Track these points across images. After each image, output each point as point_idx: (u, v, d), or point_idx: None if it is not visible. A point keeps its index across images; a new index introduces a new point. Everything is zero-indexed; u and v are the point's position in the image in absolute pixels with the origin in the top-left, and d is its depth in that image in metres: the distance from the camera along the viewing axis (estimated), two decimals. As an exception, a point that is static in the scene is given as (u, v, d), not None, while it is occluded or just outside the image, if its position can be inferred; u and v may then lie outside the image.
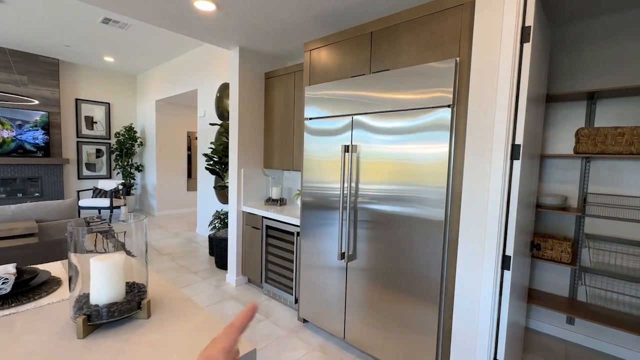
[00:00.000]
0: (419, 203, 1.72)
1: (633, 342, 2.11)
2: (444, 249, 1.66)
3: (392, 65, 1.89)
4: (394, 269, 1.85)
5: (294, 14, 2.26)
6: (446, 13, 1.64)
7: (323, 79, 2.28)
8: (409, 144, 1.74)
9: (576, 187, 2.30)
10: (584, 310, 2.17)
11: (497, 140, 1.45)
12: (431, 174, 1.67)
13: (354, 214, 2.03)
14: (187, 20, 2.43)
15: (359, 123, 1.97)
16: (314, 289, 2.32)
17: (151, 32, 4.27)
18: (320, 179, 2.22)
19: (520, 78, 1.47)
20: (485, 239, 1.50)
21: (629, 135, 1.93)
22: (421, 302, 1.74)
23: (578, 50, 2.24)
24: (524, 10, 1.43)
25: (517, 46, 1.42)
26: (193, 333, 0.90)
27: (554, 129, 2.38)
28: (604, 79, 2.17)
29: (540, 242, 2.22)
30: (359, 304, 2.04)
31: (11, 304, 0.99)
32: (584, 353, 2.20)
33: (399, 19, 1.82)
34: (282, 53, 3.15)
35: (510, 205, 1.52)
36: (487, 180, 1.49)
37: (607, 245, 2.18)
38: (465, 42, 1.58)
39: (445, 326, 1.69)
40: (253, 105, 3.16)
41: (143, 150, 6.72)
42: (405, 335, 1.82)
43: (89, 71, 6.16)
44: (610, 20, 2.11)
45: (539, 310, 2.47)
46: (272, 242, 2.83)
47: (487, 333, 1.51)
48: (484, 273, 1.51)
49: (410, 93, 1.72)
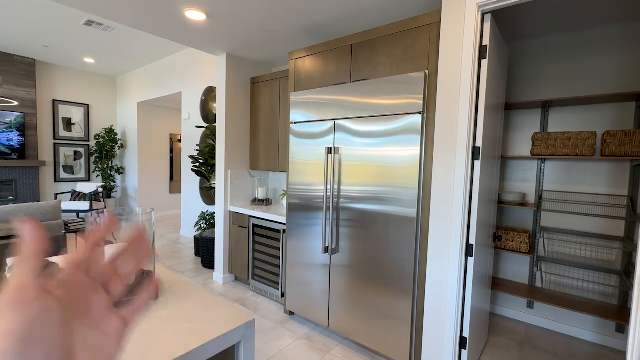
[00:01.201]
0: (394, 202, 1.92)
1: (584, 322, 2.39)
2: (416, 242, 1.85)
3: (370, 75, 2.08)
4: (373, 262, 2.03)
5: (281, 25, 2.42)
6: (417, 30, 1.85)
7: (308, 85, 2.44)
8: (385, 146, 1.94)
9: (533, 185, 2.58)
10: (541, 295, 2.44)
11: (460, 143, 1.66)
12: (405, 175, 1.86)
13: (336, 213, 2.20)
14: (177, 28, 2.53)
15: (341, 127, 2.14)
16: (300, 283, 2.46)
17: (135, 35, 4.30)
18: (305, 180, 2.38)
19: (479, 89, 1.69)
20: (451, 230, 1.71)
21: (574, 139, 2.21)
22: (397, 291, 1.93)
23: (533, 63, 2.53)
24: (481, 32, 1.66)
25: (475, 62, 1.65)
26: (198, 308, 1.03)
27: (514, 133, 2.66)
28: (556, 90, 2.46)
29: (503, 234, 2.47)
30: (341, 295, 2.20)
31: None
32: (542, 333, 2.46)
33: (377, 34, 2.02)
34: (268, 59, 3.30)
35: (473, 200, 1.73)
36: (452, 179, 1.70)
37: (560, 236, 2.46)
38: (433, 56, 1.79)
39: (418, 311, 1.88)
40: (239, 109, 3.28)
41: (124, 153, 6.63)
42: (383, 321, 2.00)
43: (67, 72, 6.05)
44: (560, 39, 2.41)
45: (503, 297, 2.73)
46: (259, 240, 2.95)
47: (453, 313, 1.71)
48: (450, 260, 1.71)
49: (386, 100, 1.92)
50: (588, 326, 2.38)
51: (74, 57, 5.35)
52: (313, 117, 2.31)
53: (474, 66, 1.63)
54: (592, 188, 2.34)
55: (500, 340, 2.36)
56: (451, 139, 1.69)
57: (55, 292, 0.22)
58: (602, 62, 2.28)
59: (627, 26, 2.18)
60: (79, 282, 0.24)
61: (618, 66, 2.22)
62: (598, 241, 2.32)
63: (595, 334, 2.35)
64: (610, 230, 2.28)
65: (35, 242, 0.22)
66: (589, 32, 2.30)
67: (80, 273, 0.24)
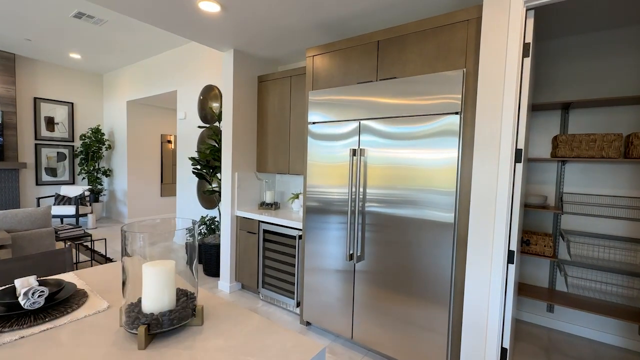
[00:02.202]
0: (428, 206, 1.82)
1: (607, 325, 2.37)
2: (453, 249, 1.76)
3: (398, 73, 1.98)
4: (403, 270, 1.93)
5: (297, 19, 2.29)
6: (453, 27, 1.77)
7: (327, 84, 2.32)
8: (418, 148, 1.84)
9: (553, 187, 2.55)
10: (562, 298, 2.40)
11: (504, 145, 1.58)
12: (440, 178, 1.77)
13: (361, 218, 2.09)
14: (187, 21, 2.36)
15: (367, 128, 2.03)
16: (319, 291, 2.33)
17: (128, 30, 4.06)
18: (325, 183, 2.26)
19: (522, 89, 1.62)
20: (493, 236, 1.62)
21: (600, 141, 2.19)
22: (431, 300, 1.83)
23: (556, 64, 2.50)
24: (524, 28, 1.59)
25: (519, 60, 1.57)
26: (255, 336, 0.89)
27: (533, 135, 2.62)
28: (575, 91, 2.44)
29: (528, 238, 2.43)
30: (367, 304, 2.09)
31: (45, 318, 0.91)
32: (564, 338, 2.43)
33: (406, 30, 1.93)
34: (275, 57, 3.15)
35: (514, 204, 1.66)
36: (495, 182, 1.62)
37: (581, 238, 2.43)
38: (471, 54, 1.71)
39: (454, 321, 1.79)
40: (246, 108, 3.12)
41: (111, 154, 6.30)
42: (415, 332, 1.90)
43: (49, 68, 5.68)
44: (584, 39, 2.39)
45: (522, 301, 2.68)
46: (270, 247, 2.80)
47: (496, 324, 1.63)
48: (492, 267, 1.63)
49: (419, 100, 1.82)
50: (611, 329, 2.36)
51: (59, 52, 5.02)
52: (335, 117, 2.19)
53: (518, 64, 1.55)
54: (613, 190, 2.33)
55: (525, 346, 2.31)
56: (494, 140, 1.61)
57: None
58: (623, 64, 2.27)
59: (649, 28, 2.17)
60: None
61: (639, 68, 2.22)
62: (621, 244, 2.30)
63: (618, 337, 2.33)
64: (633, 232, 2.27)
65: None
66: (610, 33, 2.29)
67: None
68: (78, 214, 5.17)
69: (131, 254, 0.91)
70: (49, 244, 2.78)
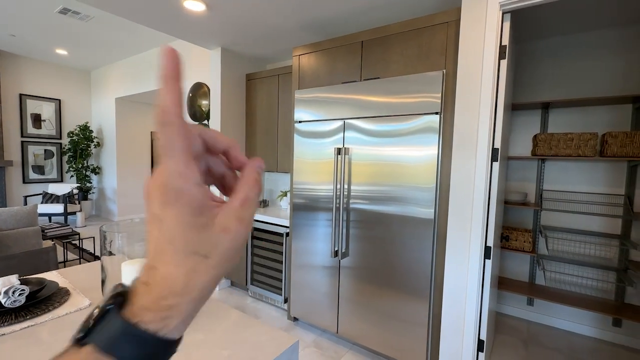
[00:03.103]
0: (410, 203, 1.87)
1: (583, 317, 2.47)
2: (433, 245, 1.82)
3: (381, 73, 2.02)
4: (386, 265, 1.98)
5: (283, 19, 2.31)
6: (434, 28, 1.81)
7: (313, 83, 2.35)
8: (400, 146, 1.88)
9: (534, 184, 2.63)
10: (541, 292, 2.49)
11: (481, 145, 1.64)
12: (421, 175, 1.82)
13: (346, 214, 2.13)
14: (173, 20, 2.36)
15: (351, 126, 2.07)
16: (306, 287, 2.38)
17: (115, 26, 4.01)
18: (311, 180, 2.29)
19: (498, 89, 1.67)
20: (471, 232, 1.68)
21: (577, 140, 2.26)
22: (412, 294, 1.89)
23: (537, 65, 2.56)
24: (501, 31, 1.64)
25: (496, 62, 1.62)
26: (233, 330, 0.93)
27: (514, 134, 2.69)
28: (554, 92, 2.51)
29: (507, 234, 2.50)
30: (352, 300, 2.14)
31: (26, 316, 0.93)
32: (543, 330, 2.52)
33: (390, 31, 1.96)
34: (263, 55, 3.16)
35: (491, 201, 1.72)
36: (472, 180, 1.67)
37: (560, 234, 2.52)
38: (450, 55, 1.75)
39: (434, 314, 1.85)
40: (234, 107, 3.13)
41: (100, 151, 6.23)
42: (397, 326, 1.95)
43: (36, 64, 5.59)
44: (563, 41, 2.45)
45: (504, 295, 2.77)
46: (258, 244, 2.83)
47: (473, 316, 1.69)
48: (470, 263, 1.69)
49: (401, 99, 1.86)
50: (586, 321, 2.45)
51: (45, 48, 4.94)
52: (320, 115, 2.22)
53: (495, 66, 1.60)
54: (590, 187, 2.41)
55: (505, 338, 2.39)
56: (471, 140, 1.66)
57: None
58: (599, 65, 2.34)
59: (622, 30, 2.25)
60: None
61: (615, 69, 2.29)
62: (596, 239, 2.39)
63: (593, 328, 2.43)
64: (608, 228, 2.36)
65: (174, 65, 0.24)
66: (587, 35, 2.36)
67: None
68: (66, 212, 5.12)
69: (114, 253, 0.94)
70: (35, 243, 2.77)
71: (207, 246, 0.23)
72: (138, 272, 0.24)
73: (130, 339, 0.21)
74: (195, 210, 0.23)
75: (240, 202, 0.25)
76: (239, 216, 0.24)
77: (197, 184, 0.23)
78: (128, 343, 0.21)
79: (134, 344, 0.21)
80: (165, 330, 0.22)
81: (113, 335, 0.21)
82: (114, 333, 0.21)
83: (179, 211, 0.22)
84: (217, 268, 0.23)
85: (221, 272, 0.24)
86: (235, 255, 0.24)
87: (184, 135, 0.23)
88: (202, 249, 0.23)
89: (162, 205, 0.23)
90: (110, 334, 0.22)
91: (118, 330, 0.22)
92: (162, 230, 0.23)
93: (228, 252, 0.24)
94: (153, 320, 0.22)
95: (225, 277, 3.14)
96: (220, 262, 0.23)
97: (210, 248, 0.23)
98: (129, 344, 0.21)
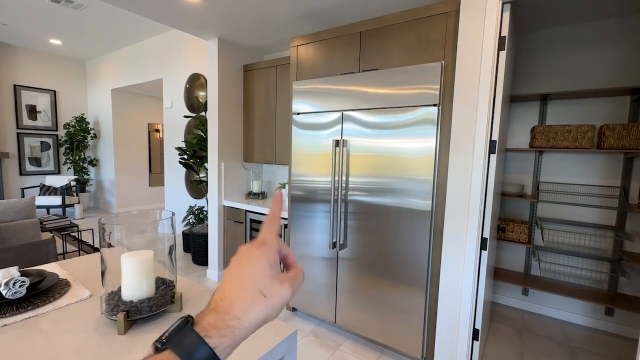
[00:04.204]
0: (407, 195, 1.88)
1: (576, 307, 2.51)
2: (430, 236, 1.84)
3: (380, 64, 2.00)
4: (384, 257, 2.00)
5: (280, 9, 2.28)
6: (432, 19, 1.79)
7: (311, 74, 2.33)
8: (398, 138, 1.88)
9: (531, 176, 2.64)
10: (535, 282, 2.53)
11: (479, 137, 1.64)
12: (419, 167, 1.82)
13: (344, 206, 2.14)
14: (168, 9, 2.32)
15: (349, 118, 2.07)
16: (304, 278, 2.40)
17: (109, 15, 3.94)
18: (310, 172, 2.30)
19: (497, 81, 1.67)
20: (467, 224, 1.70)
21: (574, 132, 2.26)
22: (409, 285, 1.92)
23: (536, 56, 2.55)
24: (500, 22, 1.62)
25: (495, 53, 1.61)
26: (232, 321, 0.94)
27: (512, 126, 2.69)
28: (553, 83, 2.50)
29: (504, 225, 2.53)
30: (349, 290, 2.17)
31: (27, 307, 0.94)
32: (537, 319, 2.57)
33: (388, 21, 1.94)
34: (261, 45, 3.13)
35: (488, 194, 1.73)
36: (469, 173, 1.68)
37: (555, 225, 2.54)
38: (449, 47, 1.74)
39: (431, 304, 1.88)
40: (232, 98, 3.11)
41: (97, 143, 6.19)
42: (394, 315, 1.99)
43: (30, 54, 5.50)
44: (563, 32, 2.43)
45: (499, 285, 2.81)
46: (257, 236, 2.84)
47: (469, 306, 1.72)
48: (466, 254, 1.71)
49: (400, 91, 1.85)
50: (579, 310, 2.50)
51: (38, 37, 4.85)
52: (318, 107, 2.21)
53: (494, 57, 1.59)
54: (586, 179, 2.43)
55: (500, 327, 2.44)
56: (469, 132, 1.66)
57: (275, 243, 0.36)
58: (598, 57, 2.33)
59: (621, 21, 2.23)
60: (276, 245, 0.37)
61: (613, 60, 2.28)
62: (591, 230, 2.42)
63: (586, 317, 2.47)
64: (604, 219, 2.38)
65: (278, 211, 0.40)
66: (586, 26, 2.34)
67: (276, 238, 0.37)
68: (64, 204, 5.12)
69: (113, 245, 0.94)
70: (34, 235, 2.77)
71: (268, 289, 0.32)
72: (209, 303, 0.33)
73: (200, 348, 0.29)
74: (272, 265, 0.33)
75: (294, 274, 0.36)
76: (292, 282, 0.35)
77: (276, 252, 0.35)
78: (198, 352, 0.28)
79: (202, 353, 0.28)
80: (219, 348, 0.29)
81: (189, 344, 0.29)
82: (190, 343, 0.29)
83: (263, 263, 0.33)
84: (269, 308, 0.32)
85: (269, 313, 0.32)
86: (279, 304, 0.33)
87: (277, 230, 0.38)
88: (264, 290, 0.32)
89: (252, 258, 0.34)
90: (187, 343, 0.29)
91: (193, 340, 0.29)
92: (244, 273, 0.33)
93: (277, 300, 0.32)
94: (215, 336, 0.29)
95: (224, 268, 3.17)
96: (272, 304, 0.32)
97: (270, 291, 0.32)
98: (198, 352, 0.28)
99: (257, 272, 0.33)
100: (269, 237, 0.36)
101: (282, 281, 0.33)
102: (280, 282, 0.33)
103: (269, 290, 0.32)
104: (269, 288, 0.32)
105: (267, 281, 0.32)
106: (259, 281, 0.32)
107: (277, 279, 0.33)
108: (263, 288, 0.32)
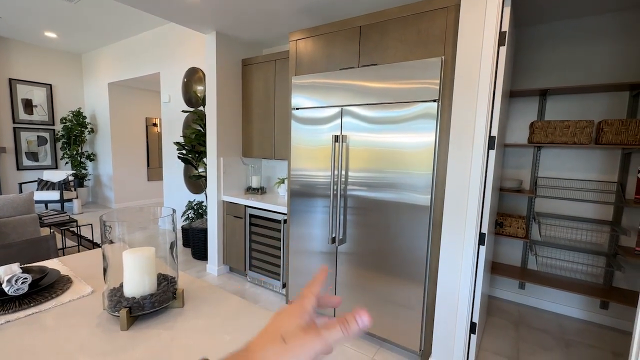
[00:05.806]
0: (406, 189, 1.89)
1: (572, 300, 2.55)
2: (429, 231, 1.85)
3: (379, 59, 1.99)
4: (382, 251, 2.02)
5: (279, 3, 2.25)
6: (433, 14, 1.78)
7: (310, 69, 2.32)
8: (397, 133, 1.88)
9: (529, 172, 2.65)
10: (532, 276, 2.56)
11: (478, 132, 1.64)
12: (418, 162, 1.83)
13: (343, 201, 2.15)
14: (165, 2, 2.29)
15: (349, 112, 2.06)
16: (303, 273, 2.42)
17: (105, 8, 3.89)
18: (309, 167, 2.30)
19: (496, 77, 1.66)
20: (466, 219, 1.71)
21: (573, 127, 2.27)
22: (408, 279, 1.94)
23: (536, 51, 2.54)
24: (501, 17, 1.62)
25: (495, 48, 1.61)
26: (233, 317, 0.95)
27: (511, 121, 2.69)
28: (556, 78, 2.49)
29: (502, 220, 2.55)
30: (349, 285, 2.19)
31: (30, 303, 0.95)
32: (533, 312, 2.60)
33: (388, 16, 1.92)
34: (259, 40, 3.10)
35: (486, 189, 1.74)
36: (468, 168, 1.68)
37: (553, 220, 2.56)
38: (449, 42, 1.73)
39: (429, 298, 1.91)
40: (230, 93, 3.09)
41: (94, 138, 6.16)
42: (393, 309, 2.01)
43: (25, 47, 5.43)
44: (562, 26, 2.42)
45: (497, 279, 2.84)
46: (256, 231, 2.86)
47: (466, 300, 1.74)
48: (464, 249, 1.73)
49: (400, 86, 1.85)
50: (575, 304, 2.54)
51: (33, 30, 4.79)
52: (318, 102, 2.20)
53: (494, 53, 1.59)
54: (584, 174, 2.44)
55: (496, 320, 2.47)
56: (468, 127, 1.67)
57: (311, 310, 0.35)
58: (597, 51, 2.32)
59: (621, 16, 2.22)
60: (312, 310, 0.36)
61: (613, 56, 2.28)
62: (588, 225, 2.44)
63: (582, 310, 2.51)
64: (600, 214, 2.40)
65: (320, 282, 0.38)
66: (586, 20, 2.33)
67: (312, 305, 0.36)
68: (63, 199, 5.11)
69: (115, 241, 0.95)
70: (33, 230, 2.78)
71: (290, 336, 0.32)
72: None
73: None
74: (302, 315, 0.34)
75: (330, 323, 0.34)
76: (320, 331, 0.33)
77: (311, 304, 0.35)
78: None
79: None
80: None
81: None
82: None
83: (293, 312, 0.34)
84: (288, 355, 0.32)
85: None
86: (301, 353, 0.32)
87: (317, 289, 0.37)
88: (286, 335, 0.32)
89: (286, 309, 0.35)
90: None
91: None
92: (273, 321, 0.34)
93: (298, 348, 0.32)
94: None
95: (224, 262, 3.18)
96: (292, 351, 0.32)
97: (291, 338, 0.32)
98: None
99: (283, 319, 0.34)
100: (306, 291, 0.37)
101: (307, 330, 0.33)
102: (305, 331, 0.33)
103: (291, 337, 0.32)
104: (291, 335, 0.32)
105: (291, 328, 0.33)
106: (282, 327, 0.33)
107: (302, 328, 0.33)
108: (285, 333, 0.32)
